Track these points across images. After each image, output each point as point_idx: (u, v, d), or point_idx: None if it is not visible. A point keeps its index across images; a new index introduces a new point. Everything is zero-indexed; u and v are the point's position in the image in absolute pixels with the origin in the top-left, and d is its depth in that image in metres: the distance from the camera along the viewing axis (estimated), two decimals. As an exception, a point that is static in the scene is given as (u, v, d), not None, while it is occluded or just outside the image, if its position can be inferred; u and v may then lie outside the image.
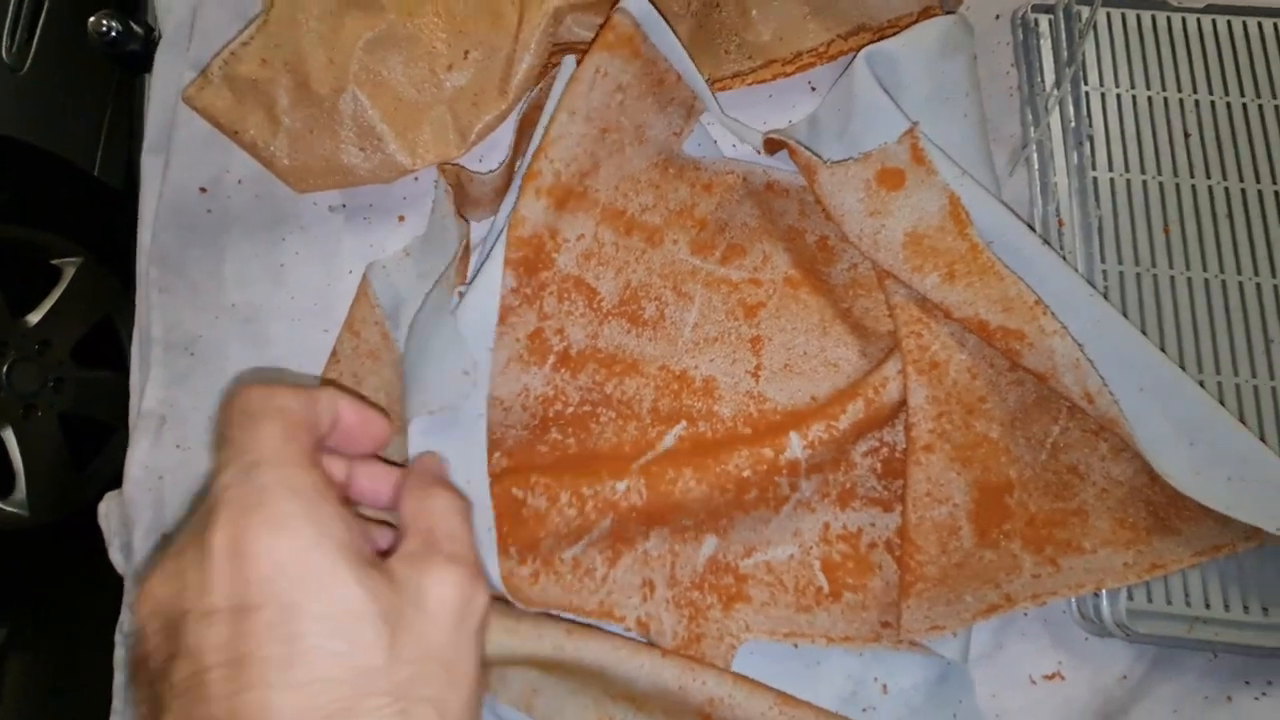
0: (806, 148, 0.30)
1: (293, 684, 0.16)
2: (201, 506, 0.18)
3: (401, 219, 0.34)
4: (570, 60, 0.30)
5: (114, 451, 0.86)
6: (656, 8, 0.30)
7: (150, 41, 0.42)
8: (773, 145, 0.32)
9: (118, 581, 0.32)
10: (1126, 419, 0.25)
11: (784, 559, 0.28)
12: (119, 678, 0.31)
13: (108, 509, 0.31)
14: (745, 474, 0.28)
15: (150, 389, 0.33)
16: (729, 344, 0.30)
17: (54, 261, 0.81)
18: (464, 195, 0.33)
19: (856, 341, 0.30)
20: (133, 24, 0.42)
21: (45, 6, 0.69)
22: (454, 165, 0.34)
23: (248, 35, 0.31)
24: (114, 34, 0.41)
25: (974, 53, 0.32)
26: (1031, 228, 0.29)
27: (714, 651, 0.27)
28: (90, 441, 0.87)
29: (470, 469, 0.26)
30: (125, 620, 0.31)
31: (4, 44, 0.67)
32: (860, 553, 0.28)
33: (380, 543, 0.22)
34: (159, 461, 0.32)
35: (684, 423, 0.29)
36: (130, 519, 0.31)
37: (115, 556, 0.31)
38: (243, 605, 0.16)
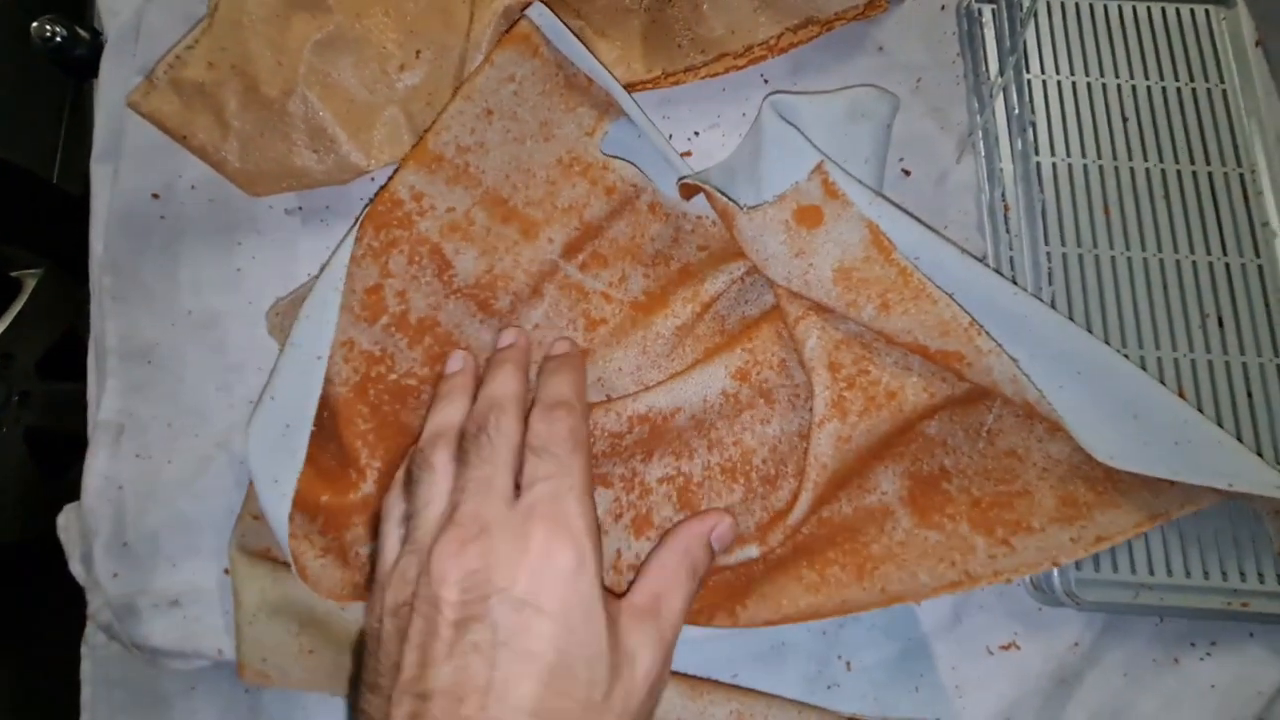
0: (723, 193, 0.29)
1: (552, 686, 0.20)
2: (515, 505, 0.22)
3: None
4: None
5: (83, 467, 0.84)
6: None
7: (97, 46, 0.42)
8: (689, 190, 0.32)
9: (84, 597, 0.31)
10: (1065, 418, 0.26)
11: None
12: (87, 691, 0.30)
13: (67, 521, 0.31)
14: None
15: (107, 399, 0.32)
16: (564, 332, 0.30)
17: (13, 274, 0.79)
18: None
19: (670, 365, 0.30)
20: (78, 29, 0.41)
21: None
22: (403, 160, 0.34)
23: (192, 38, 0.31)
24: (59, 39, 0.40)
25: (888, 122, 0.32)
26: (947, 238, 0.29)
27: None
28: (58, 455, 0.85)
29: (297, 411, 0.27)
30: (90, 633, 0.31)
31: (-49, 53, 0.65)
32: None
33: None
34: (118, 471, 0.31)
35: None
36: (90, 530, 0.30)
37: (76, 568, 0.30)
38: (538, 606, 0.20)
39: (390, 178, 0.29)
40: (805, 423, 0.29)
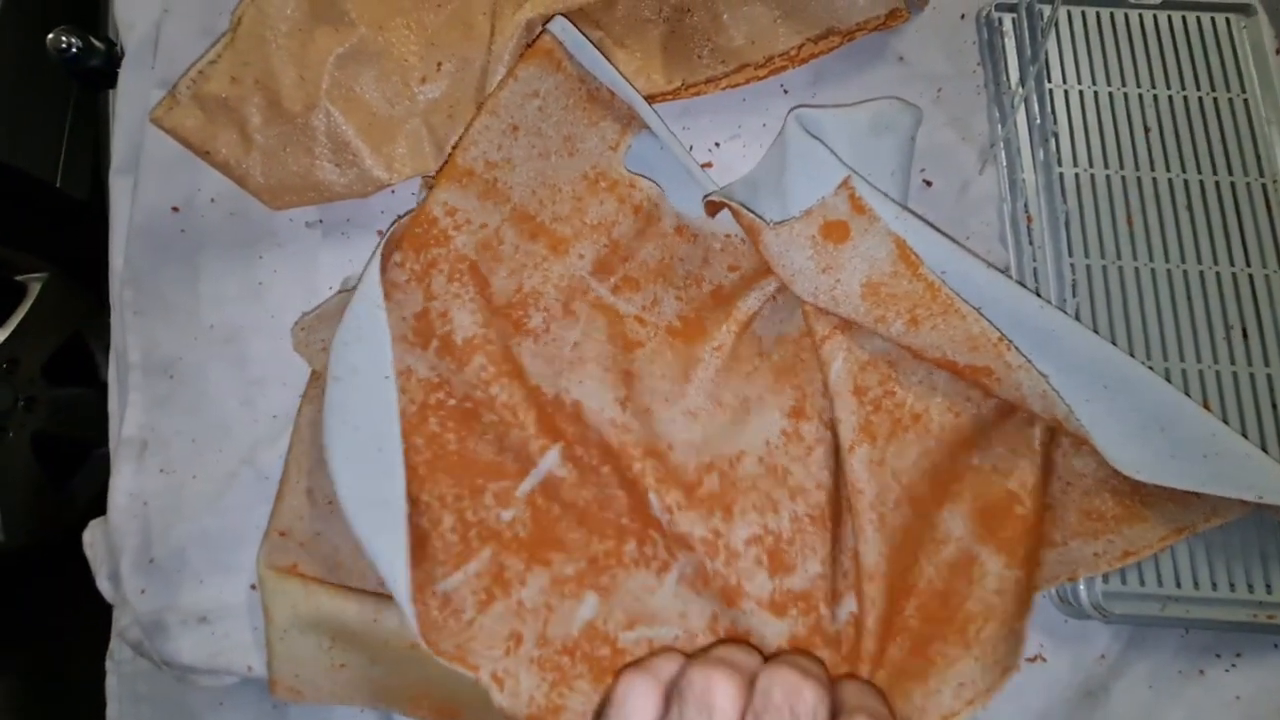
0: (748, 208, 0.29)
1: None
2: None
3: (380, 233, 0.34)
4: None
5: (91, 470, 0.84)
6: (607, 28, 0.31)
7: (112, 57, 0.42)
8: (714, 207, 0.31)
9: (100, 605, 0.31)
10: (1092, 433, 0.26)
11: (668, 639, 0.26)
12: (113, 708, 0.30)
13: (93, 537, 0.31)
14: (623, 521, 0.27)
15: (130, 414, 0.32)
16: (602, 369, 0.29)
17: (18, 278, 0.79)
18: None
19: (717, 393, 0.29)
20: (93, 40, 0.41)
21: (-3, 18, 0.67)
22: (433, 178, 0.34)
23: (215, 53, 0.31)
24: (74, 50, 0.40)
25: (911, 134, 0.32)
26: (973, 252, 0.29)
27: None
28: (66, 460, 0.85)
29: (383, 434, 0.26)
30: (115, 648, 0.31)
31: (-44, 58, 0.65)
32: None
33: None
34: (143, 487, 0.31)
35: (562, 444, 0.28)
36: (117, 547, 0.30)
37: (103, 585, 0.30)
38: None
39: (425, 198, 0.29)
40: None
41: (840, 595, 0.27)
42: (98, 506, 0.32)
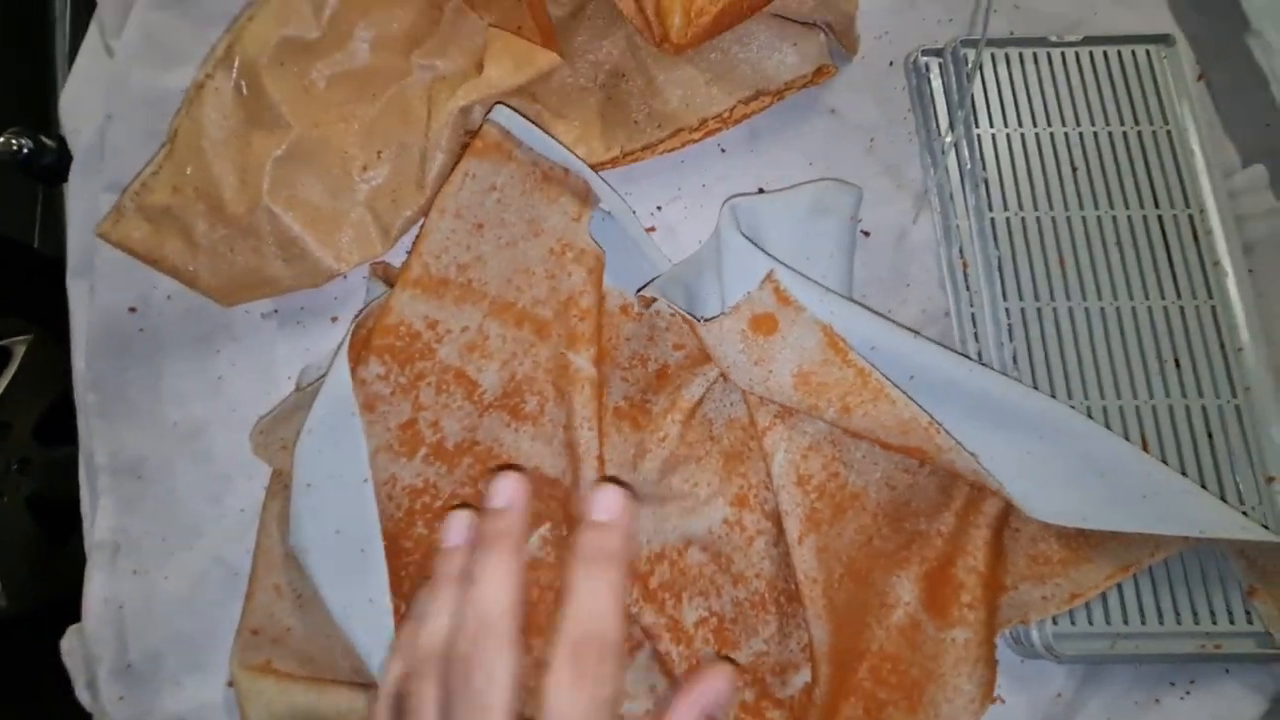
0: (686, 301, 0.30)
1: None
2: None
3: (335, 319, 0.35)
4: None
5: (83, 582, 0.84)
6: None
7: (64, 153, 0.42)
8: (647, 301, 0.32)
9: None
10: (1024, 504, 0.27)
11: (638, 714, 0.28)
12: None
13: (70, 646, 0.32)
14: None
15: (100, 519, 0.33)
16: (583, 458, 0.30)
17: (1, 342, 0.79)
18: None
19: (664, 482, 0.30)
20: (44, 139, 0.41)
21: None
22: (381, 263, 0.34)
23: (156, 164, 0.32)
24: (25, 151, 0.41)
25: (851, 214, 0.32)
26: (901, 325, 0.29)
27: None
28: (63, 519, 0.85)
29: (364, 534, 0.27)
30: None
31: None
32: None
33: None
34: (117, 591, 0.32)
35: (549, 524, 0.29)
36: (93, 655, 0.31)
37: (82, 695, 0.31)
38: None
39: (387, 308, 0.29)
40: None
41: (795, 667, 0.28)
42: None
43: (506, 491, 0.22)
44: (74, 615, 0.32)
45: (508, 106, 0.32)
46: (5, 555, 0.77)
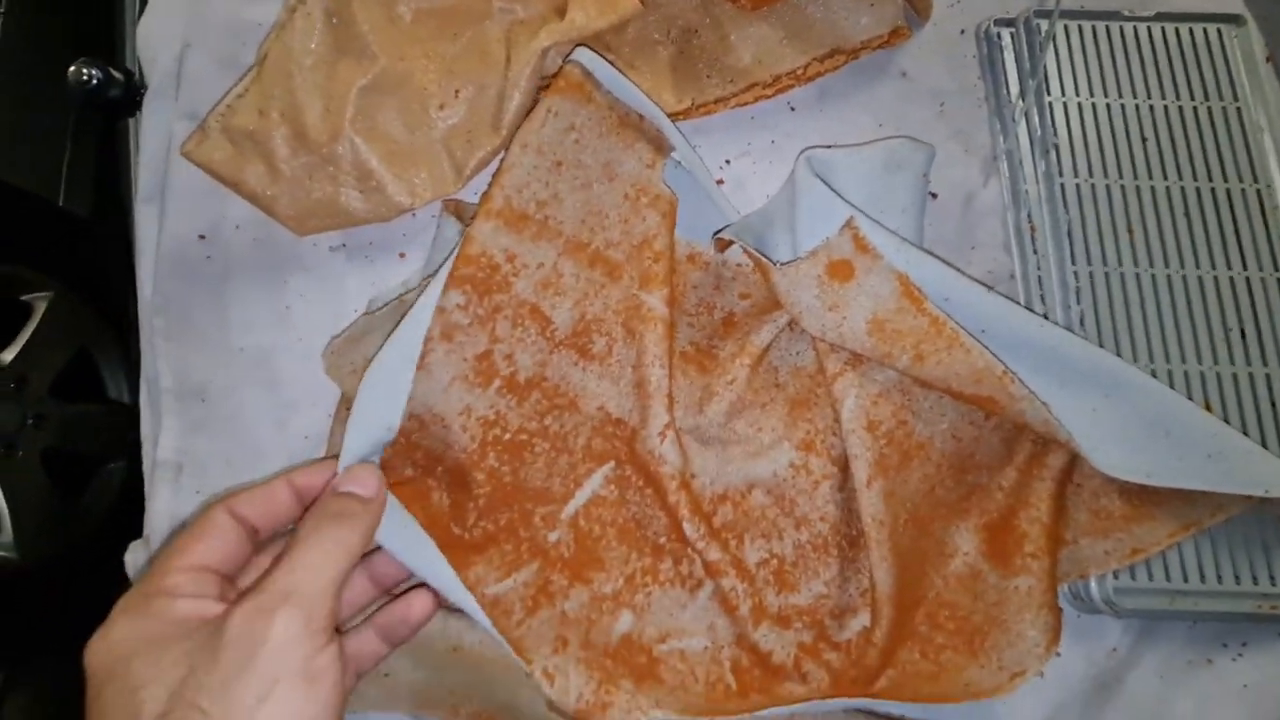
0: (757, 249, 0.30)
1: None
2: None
3: (402, 255, 0.35)
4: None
5: (101, 485, 0.85)
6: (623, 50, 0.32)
7: (130, 87, 0.43)
8: (723, 245, 0.32)
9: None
10: (1091, 456, 0.27)
11: (698, 650, 0.28)
12: None
13: (134, 558, 0.32)
14: (661, 540, 0.29)
15: (165, 439, 0.33)
16: (653, 395, 0.30)
17: (24, 297, 0.79)
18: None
19: (730, 425, 0.31)
20: (112, 71, 0.42)
21: (-1, 39, 0.68)
22: (454, 200, 0.35)
23: (242, 87, 0.32)
24: (94, 82, 0.41)
25: (923, 171, 0.33)
26: (975, 279, 0.30)
27: (620, 719, 0.26)
28: (77, 476, 0.85)
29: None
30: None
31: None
32: (771, 666, 0.28)
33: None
34: (180, 509, 0.32)
35: (612, 463, 0.30)
36: (157, 568, 0.31)
37: (145, 606, 0.31)
38: None
39: (470, 238, 0.30)
40: None
41: (853, 611, 0.29)
42: (110, 521, 0.32)
43: (369, 481, 0.24)
44: (84, 569, 0.31)
45: (590, 48, 0.33)
46: (20, 508, 0.78)
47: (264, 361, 0.34)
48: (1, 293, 0.76)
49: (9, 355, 0.76)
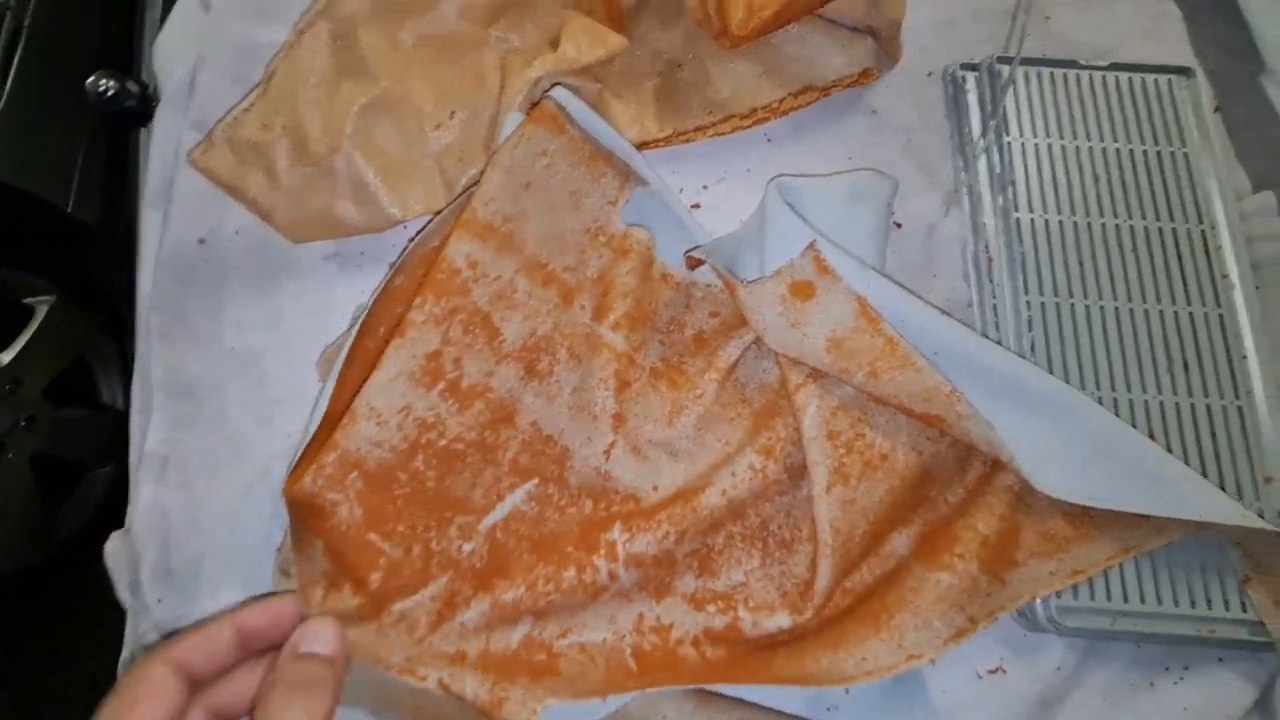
0: (727, 269, 0.32)
1: None
2: None
3: (392, 265, 0.37)
4: (515, 116, 0.33)
5: (85, 492, 0.85)
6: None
7: (145, 98, 0.45)
8: (694, 262, 0.34)
9: (95, 623, 0.32)
10: (1034, 477, 0.29)
11: (597, 641, 0.29)
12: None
13: (114, 548, 0.33)
14: (568, 550, 0.30)
15: (153, 431, 0.35)
16: (593, 417, 0.31)
17: (25, 300, 0.81)
18: None
19: (699, 438, 0.32)
20: (128, 83, 0.44)
21: (20, 48, 0.71)
22: (450, 221, 0.37)
23: (249, 101, 0.34)
24: (111, 93, 0.43)
25: (887, 202, 0.34)
26: (930, 303, 0.32)
27: (515, 714, 0.27)
28: (61, 482, 0.85)
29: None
30: (128, 659, 0.33)
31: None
32: (669, 645, 0.29)
33: None
34: (163, 501, 0.33)
35: (536, 480, 0.31)
36: (137, 557, 0.32)
37: (123, 594, 0.32)
38: None
39: (444, 244, 0.31)
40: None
41: (769, 609, 0.30)
42: (89, 531, 0.33)
43: (331, 639, 0.23)
44: (65, 576, 0.32)
45: (567, 87, 0.35)
46: (5, 511, 0.78)
47: (254, 360, 0.35)
48: (3, 295, 0.77)
49: (6, 357, 0.77)
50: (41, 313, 0.79)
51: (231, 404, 0.35)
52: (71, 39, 0.73)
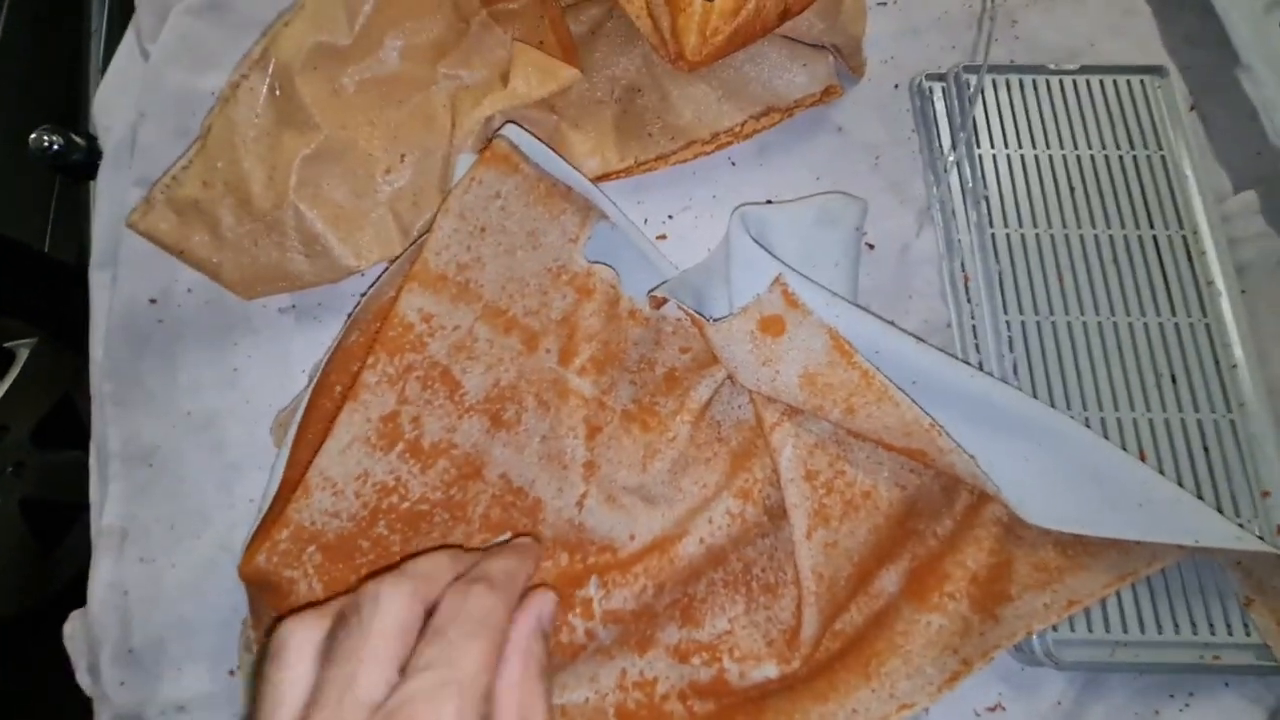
0: (696, 304, 0.31)
1: None
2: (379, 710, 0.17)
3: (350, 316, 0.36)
4: (466, 158, 0.32)
5: (80, 534, 0.84)
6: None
7: (93, 151, 0.43)
8: (658, 302, 0.33)
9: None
10: (1019, 508, 0.28)
11: (579, 701, 0.28)
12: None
13: (73, 630, 0.32)
14: None
15: (110, 505, 0.33)
16: (563, 466, 0.30)
17: (6, 344, 0.79)
18: None
19: (674, 483, 0.31)
20: (74, 136, 0.43)
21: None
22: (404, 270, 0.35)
23: (187, 159, 0.33)
24: (56, 148, 0.42)
25: (855, 226, 0.33)
26: (905, 330, 0.31)
27: None
28: (55, 525, 0.85)
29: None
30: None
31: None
32: (654, 702, 0.28)
33: None
34: (123, 577, 0.32)
35: (509, 534, 0.30)
36: (96, 639, 0.31)
37: (83, 679, 0.31)
38: None
39: (396, 298, 0.30)
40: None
41: (756, 660, 0.28)
42: (85, 574, 0.32)
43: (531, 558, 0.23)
44: (59, 620, 0.32)
45: (519, 125, 0.33)
46: (-2, 558, 0.77)
47: (211, 424, 0.34)
48: (-17, 339, 0.76)
49: (-10, 402, 0.76)
50: (23, 356, 0.78)
51: (190, 471, 0.34)
52: (21, 90, 0.72)
